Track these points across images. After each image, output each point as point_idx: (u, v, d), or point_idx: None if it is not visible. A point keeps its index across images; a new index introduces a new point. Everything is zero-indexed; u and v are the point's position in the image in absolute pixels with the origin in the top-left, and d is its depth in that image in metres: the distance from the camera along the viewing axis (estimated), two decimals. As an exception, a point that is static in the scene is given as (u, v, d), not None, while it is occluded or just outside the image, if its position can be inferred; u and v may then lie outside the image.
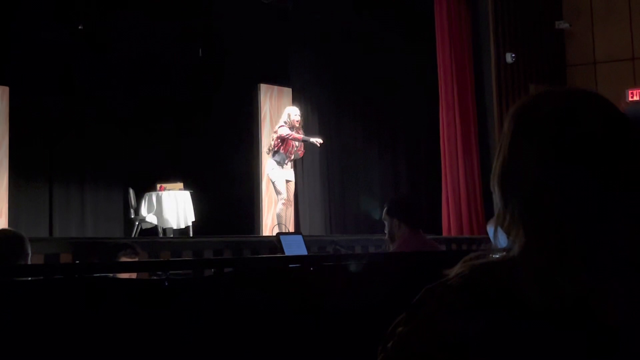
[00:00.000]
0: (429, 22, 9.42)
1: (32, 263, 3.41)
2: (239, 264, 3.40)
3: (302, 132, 7.94)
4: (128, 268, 3.46)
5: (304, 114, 8.68)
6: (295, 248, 4.75)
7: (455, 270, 0.92)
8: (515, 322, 0.85)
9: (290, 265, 3.30)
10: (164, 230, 8.33)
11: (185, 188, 8.49)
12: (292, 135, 7.75)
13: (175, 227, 8.28)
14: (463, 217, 9.15)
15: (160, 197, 8.28)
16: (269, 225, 8.71)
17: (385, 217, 4.06)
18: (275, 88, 9.57)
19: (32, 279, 2.53)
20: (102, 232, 8.67)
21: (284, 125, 7.81)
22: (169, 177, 8.49)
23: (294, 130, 7.79)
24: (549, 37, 10.24)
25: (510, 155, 0.94)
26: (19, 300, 2.28)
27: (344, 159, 9.93)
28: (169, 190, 8.34)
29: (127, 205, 8.66)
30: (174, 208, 8.27)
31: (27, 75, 8.14)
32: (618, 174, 0.89)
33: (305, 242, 4.94)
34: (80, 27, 8.32)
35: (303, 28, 9.53)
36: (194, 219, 8.40)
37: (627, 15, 10.04)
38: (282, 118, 7.99)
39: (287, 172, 7.89)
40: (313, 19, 9.46)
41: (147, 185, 8.46)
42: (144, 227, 8.41)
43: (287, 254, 4.56)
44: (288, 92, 9.64)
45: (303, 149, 8.02)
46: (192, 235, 8.20)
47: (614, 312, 0.84)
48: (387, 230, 4.05)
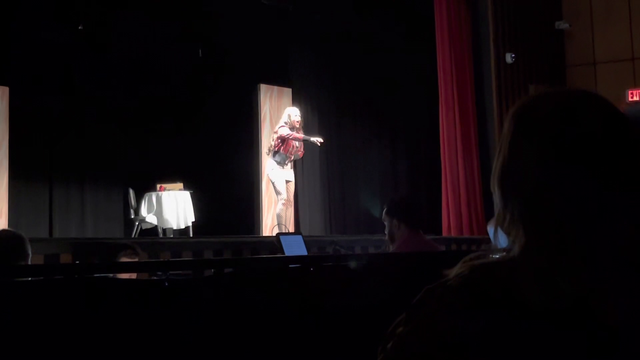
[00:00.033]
0: (429, 22, 9.42)
1: (32, 263, 3.41)
2: (239, 265, 3.41)
3: (302, 132, 7.94)
4: (128, 268, 3.47)
5: (304, 114, 8.68)
6: (295, 248, 4.75)
7: (455, 271, 0.92)
8: (515, 322, 0.85)
9: (290, 266, 3.30)
10: (164, 231, 8.33)
11: (185, 188, 8.49)
12: (292, 135, 7.76)
13: (175, 227, 8.28)
14: (463, 217, 9.14)
15: (160, 197, 8.28)
16: (269, 226, 8.71)
17: (385, 217, 4.07)
18: (275, 88, 9.57)
19: (32, 280, 2.53)
20: (102, 232, 8.67)
21: (285, 126, 7.80)
22: (169, 177, 8.49)
23: (294, 131, 7.80)
24: (549, 37, 10.24)
25: (511, 156, 0.94)
26: (19, 301, 2.28)
27: (344, 159, 9.93)
28: (169, 191, 8.34)
29: (127, 206, 8.65)
30: (174, 208, 8.27)
31: (27, 75, 8.14)
32: (618, 174, 0.89)
33: (305, 242, 4.94)
34: (80, 27, 8.31)
35: (303, 28, 9.53)
36: (194, 219, 8.40)
37: (626, 16, 10.04)
38: (282, 119, 7.99)
39: (287, 172, 7.89)
40: (313, 19, 9.46)
41: (147, 186, 8.46)
42: (144, 227, 8.41)
43: (287, 254, 4.57)
44: (288, 92, 9.63)
45: (303, 150, 8.02)
46: (192, 236, 8.20)
47: (614, 312, 0.85)
48: (387, 231, 4.05)
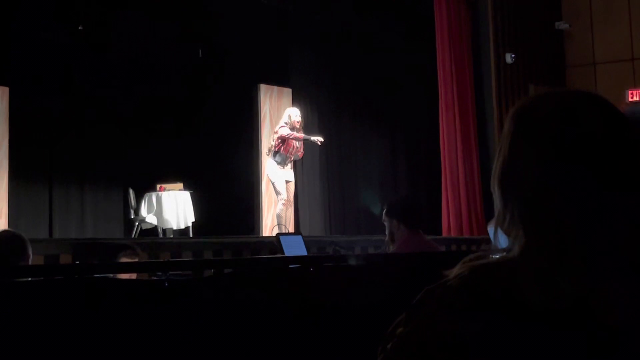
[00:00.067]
0: (429, 22, 9.42)
1: (32, 264, 3.41)
2: (239, 265, 3.41)
3: (302, 132, 7.94)
4: (128, 269, 3.46)
5: (304, 114, 8.68)
6: (295, 249, 4.74)
7: (455, 271, 0.92)
8: (516, 322, 0.85)
9: (290, 266, 3.30)
10: (164, 231, 8.33)
11: (185, 188, 8.48)
12: (293, 135, 7.76)
13: (175, 227, 8.28)
14: (463, 217, 9.14)
15: (160, 197, 8.28)
16: (269, 226, 8.71)
17: (385, 218, 4.07)
18: (275, 88, 9.56)
19: (32, 280, 2.53)
20: (102, 232, 8.66)
21: (285, 126, 7.80)
22: (169, 177, 8.49)
23: (295, 131, 7.80)
24: (549, 37, 10.24)
25: (511, 156, 0.94)
26: (20, 301, 2.28)
27: (344, 159, 9.93)
28: (169, 191, 8.34)
29: (127, 206, 8.65)
30: (174, 208, 8.27)
31: (27, 76, 8.14)
32: (618, 174, 0.89)
33: (305, 242, 4.93)
34: (80, 27, 8.31)
35: (303, 28, 9.53)
36: (194, 220, 8.39)
37: (626, 16, 10.04)
38: (282, 119, 7.99)
39: (286, 172, 7.89)
40: (313, 20, 9.46)
41: (147, 186, 8.46)
42: (144, 227, 8.40)
43: (287, 255, 4.56)
44: (288, 92, 9.63)
45: (302, 150, 8.02)
46: (191, 236, 8.19)
47: (614, 312, 0.84)
48: (387, 232, 4.05)
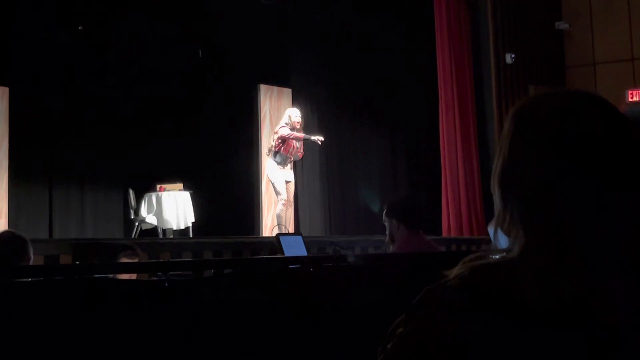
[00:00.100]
0: (429, 22, 9.42)
1: (32, 264, 3.41)
2: (239, 265, 3.40)
3: (302, 133, 7.94)
4: (128, 269, 3.46)
5: (304, 114, 8.68)
6: (295, 249, 4.74)
7: (455, 271, 0.92)
8: (516, 322, 0.85)
9: (290, 266, 3.30)
10: (164, 231, 8.32)
11: (185, 189, 8.48)
12: (293, 135, 7.76)
13: (175, 227, 8.27)
14: (463, 217, 9.14)
15: (160, 197, 8.27)
16: (269, 226, 8.71)
17: (385, 218, 4.07)
18: (275, 88, 9.56)
19: (32, 280, 2.53)
20: (102, 233, 8.67)
21: (285, 126, 7.81)
22: (169, 177, 8.49)
23: (295, 132, 7.80)
24: (549, 37, 10.24)
25: (511, 156, 0.94)
26: (20, 302, 2.28)
27: (344, 159, 9.93)
28: (169, 191, 8.33)
29: (127, 206, 8.65)
30: (174, 209, 8.27)
31: (27, 76, 8.14)
32: (618, 174, 0.89)
33: (305, 243, 4.93)
34: (80, 27, 8.32)
35: (303, 28, 9.53)
36: (194, 220, 8.39)
37: (626, 16, 10.03)
38: (282, 119, 7.99)
39: (286, 172, 7.89)
40: (313, 19, 9.46)
41: (147, 186, 8.46)
42: (144, 227, 8.40)
43: (287, 255, 4.56)
44: (288, 92, 9.63)
45: (302, 150, 8.02)
46: (191, 236, 8.19)
47: (614, 312, 0.84)
48: (387, 232, 4.05)
